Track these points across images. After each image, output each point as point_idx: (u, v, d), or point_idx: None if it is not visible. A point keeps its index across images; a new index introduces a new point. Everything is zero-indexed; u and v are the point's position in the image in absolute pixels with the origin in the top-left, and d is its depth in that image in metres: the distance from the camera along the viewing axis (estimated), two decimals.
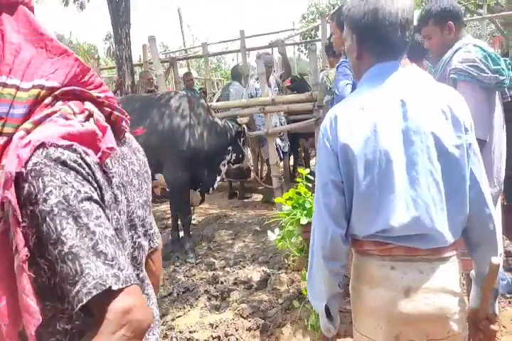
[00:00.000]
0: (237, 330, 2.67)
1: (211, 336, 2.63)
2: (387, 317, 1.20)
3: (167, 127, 3.89)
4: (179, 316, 2.97)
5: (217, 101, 5.87)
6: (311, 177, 2.30)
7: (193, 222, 4.61)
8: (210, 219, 5.20)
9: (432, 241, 1.18)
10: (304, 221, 2.23)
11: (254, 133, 5.38)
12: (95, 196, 0.76)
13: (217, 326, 2.74)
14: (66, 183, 0.72)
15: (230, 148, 4.27)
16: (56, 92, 0.81)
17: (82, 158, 0.76)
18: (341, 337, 1.40)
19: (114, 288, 0.69)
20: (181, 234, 4.30)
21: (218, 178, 4.31)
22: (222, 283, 3.35)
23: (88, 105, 0.85)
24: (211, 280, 3.42)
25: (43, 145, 0.73)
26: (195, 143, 3.91)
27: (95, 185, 0.77)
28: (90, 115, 0.83)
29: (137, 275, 0.93)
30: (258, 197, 6.14)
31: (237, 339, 2.60)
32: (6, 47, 0.80)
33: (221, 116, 4.82)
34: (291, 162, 6.74)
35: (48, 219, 0.70)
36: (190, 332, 2.72)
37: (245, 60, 7.32)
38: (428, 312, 1.18)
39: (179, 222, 4.30)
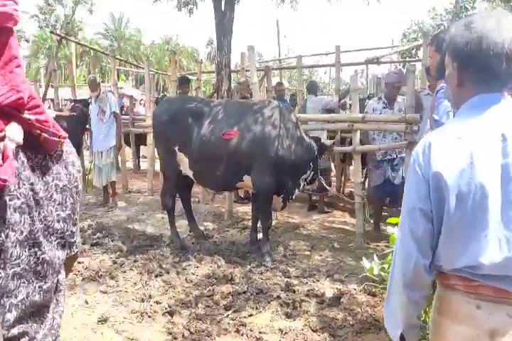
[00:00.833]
0: None
1: None
2: None
3: (259, 133, 4.13)
4: (251, 315, 3.08)
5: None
6: None
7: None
8: (288, 228, 5.30)
9: None
10: None
11: (341, 149, 5.40)
12: None
13: (286, 333, 2.82)
14: None
15: (311, 164, 4.37)
16: None
17: None
18: None
19: None
20: (259, 236, 4.48)
21: (296, 191, 4.44)
22: (294, 292, 3.42)
23: (12, 126, 0.87)
24: (284, 288, 3.49)
25: None
26: (283, 151, 4.11)
27: None
28: (1, 139, 0.84)
29: (40, 286, 0.95)
30: (337, 213, 6.11)
31: None
32: None
33: (308, 128, 4.91)
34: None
35: None
36: (260, 332, 2.82)
37: (338, 74, 7.34)
38: None
39: (259, 225, 4.50)
